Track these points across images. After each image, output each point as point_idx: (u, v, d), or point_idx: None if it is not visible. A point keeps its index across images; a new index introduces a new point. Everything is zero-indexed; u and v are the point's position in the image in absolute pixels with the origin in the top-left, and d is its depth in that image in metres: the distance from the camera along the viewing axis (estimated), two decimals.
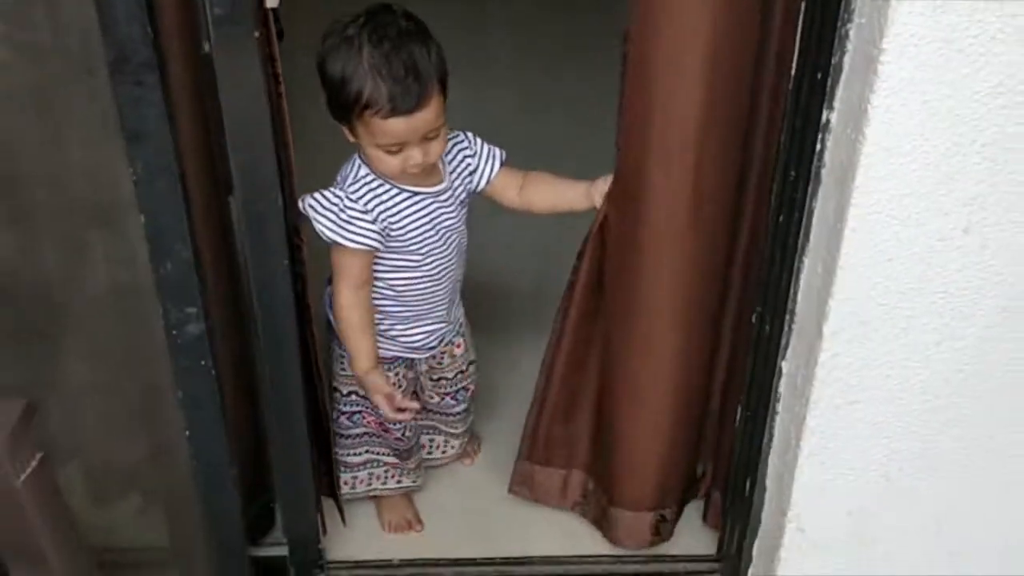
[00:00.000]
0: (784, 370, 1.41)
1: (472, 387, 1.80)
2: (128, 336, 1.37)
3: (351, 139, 1.45)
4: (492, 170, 1.58)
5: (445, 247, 1.56)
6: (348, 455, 1.75)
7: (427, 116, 1.39)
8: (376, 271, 1.54)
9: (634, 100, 1.37)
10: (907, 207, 1.19)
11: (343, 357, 1.63)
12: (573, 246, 1.58)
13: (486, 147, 1.59)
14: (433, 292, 1.59)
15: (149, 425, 1.46)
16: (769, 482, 1.50)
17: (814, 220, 1.29)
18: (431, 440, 1.85)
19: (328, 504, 1.77)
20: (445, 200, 1.53)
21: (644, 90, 1.35)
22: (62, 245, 1.30)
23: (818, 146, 1.25)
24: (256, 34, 1.22)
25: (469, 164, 1.57)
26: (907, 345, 1.29)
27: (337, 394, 1.69)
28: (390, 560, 1.77)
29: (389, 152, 1.42)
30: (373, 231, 1.48)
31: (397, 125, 1.38)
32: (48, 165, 1.25)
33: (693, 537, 1.79)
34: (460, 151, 1.57)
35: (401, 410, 1.62)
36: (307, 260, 1.48)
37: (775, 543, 1.49)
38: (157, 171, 1.22)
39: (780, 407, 1.44)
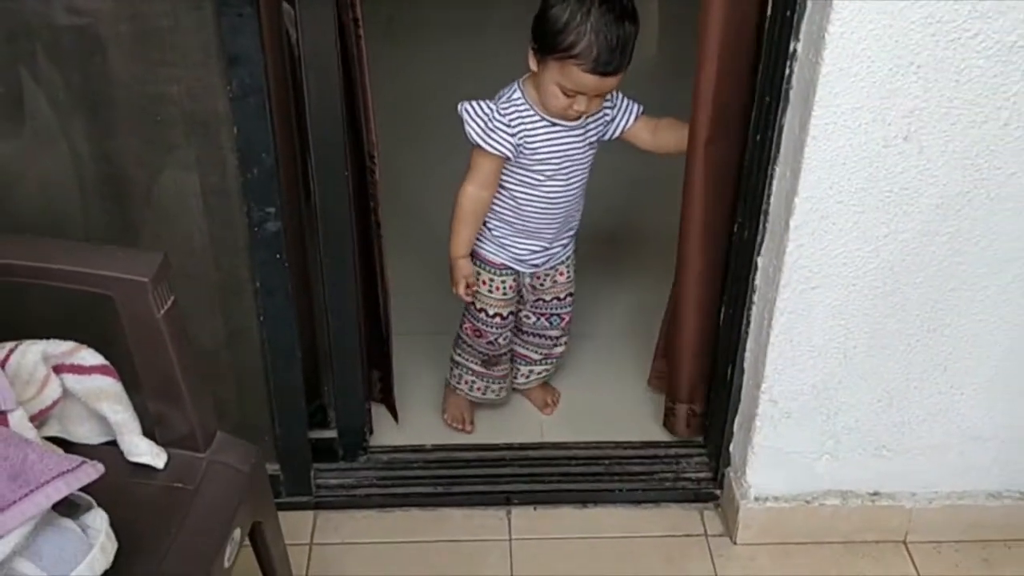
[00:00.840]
0: (759, 264, 1.69)
1: (567, 317, 2.04)
2: (214, 232, 1.64)
3: (534, 68, 1.69)
4: (627, 122, 1.83)
5: (566, 176, 1.80)
6: (455, 351, 2.05)
7: (613, 82, 1.67)
8: (504, 182, 1.81)
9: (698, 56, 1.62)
10: (857, 118, 1.46)
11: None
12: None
13: (626, 101, 1.83)
14: (546, 212, 1.84)
15: (227, 312, 1.73)
16: (747, 364, 1.78)
17: (784, 134, 1.57)
18: (516, 371, 2.11)
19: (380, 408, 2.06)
20: (576, 136, 1.77)
21: (700, 47, 1.60)
22: (164, 152, 1.57)
23: (787, 71, 1.53)
24: None
25: (607, 115, 1.82)
26: (859, 237, 1.57)
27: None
28: (423, 445, 2.05)
29: (565, 93, 1.67)
30: (510, 142, 1.73)
31: (589, 79, 1.64)
32: (157, 85, 1.51)
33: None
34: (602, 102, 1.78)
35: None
36: (379, 182, 1.75)
37: (751, 414, 1.77)
38: (250, 90, 1.49)
39: (756, 297, 1.72)
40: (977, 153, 1.50)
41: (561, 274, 1.98)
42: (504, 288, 1.93)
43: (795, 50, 1.50)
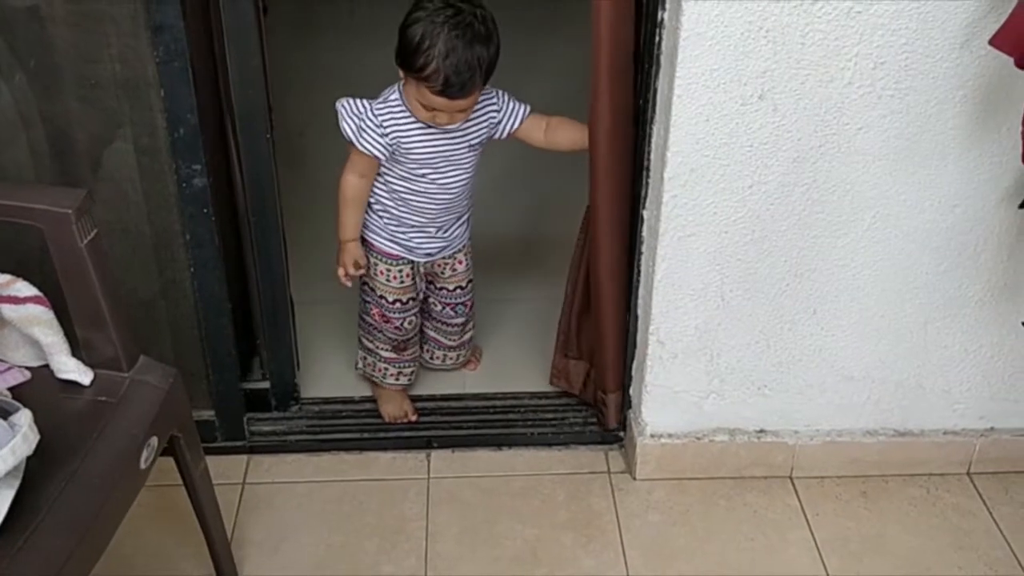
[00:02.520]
0: (644, 217, 1.86)
1: (470, 304, 2.15)
2: (147, 188, 1.80)
3: (402, 78, 1.78)
4: (514, 124, 1.91)
5: (446, 176, 1.89)
6: (363, 336, 2.13)
7: (465, 103, 1.76)
8: (388, 178, 1.91)
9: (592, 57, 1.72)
10: (716, 78, 1.64)
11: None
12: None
13: (512, 103, 1.91)
14: (430, 208, 1.93)
15: (161, 265, 1.89)
16: (640, 310, 1.95)
17: (658, 95, 1.74)
18: (432, 353, 2.22)
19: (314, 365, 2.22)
20: (454, 138, 1.86)
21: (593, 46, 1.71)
22: (101, 114, 1.73)
23: (657, 39, 1.70)
24: None
25: (493, 117, 1.89)
26: (726, 188, 1.74)
27: (362, 284, 2.07)
28: (352, 397, 2.21)
29: (424, 107, 1.77)
30: (380, 144, 1.83)
31: (439, 100, 1.73)
32: (93, 52, 1.68)
33: None
34: (487, 105, 1.88)
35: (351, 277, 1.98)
36: (275, 140, 1.88)
37: (644, 356, 1.94)
38: (174, 55, 1.66)
39: (644, 248, 1.89)
40: (826, 110, 1.68)
41: (460, 262, 2.08)
42: (401, 276, 2.01)
43: (662, 19, 1.68)
